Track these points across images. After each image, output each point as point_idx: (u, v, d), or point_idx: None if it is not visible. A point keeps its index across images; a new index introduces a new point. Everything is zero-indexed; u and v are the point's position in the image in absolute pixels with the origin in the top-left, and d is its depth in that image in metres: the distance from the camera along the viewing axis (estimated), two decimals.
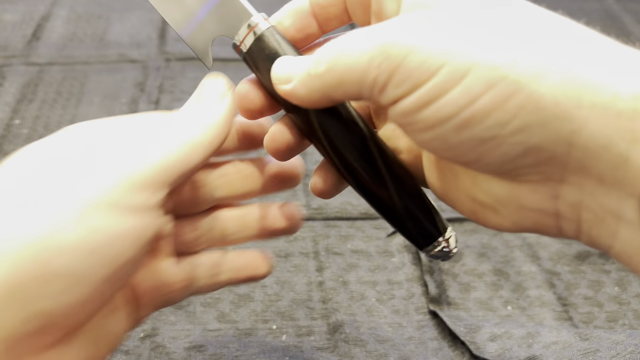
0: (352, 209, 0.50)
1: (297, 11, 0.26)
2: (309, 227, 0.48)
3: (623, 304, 0.44)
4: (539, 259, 0.46)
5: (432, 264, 0.45)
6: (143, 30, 0.72)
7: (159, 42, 0.70)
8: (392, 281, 0.45)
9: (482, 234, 0.49)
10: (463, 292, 0.44)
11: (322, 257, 0.46)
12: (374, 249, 0.47)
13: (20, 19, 0.73)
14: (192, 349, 0.39)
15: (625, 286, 0.45)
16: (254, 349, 0.39)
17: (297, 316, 0.42)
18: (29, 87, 0.62)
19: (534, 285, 0.44)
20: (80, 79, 0.64)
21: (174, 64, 0.66)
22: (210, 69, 0.28)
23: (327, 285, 0.44)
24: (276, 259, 0.46)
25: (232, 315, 0.41)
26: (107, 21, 0.74)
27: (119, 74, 0.65)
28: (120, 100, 0.61)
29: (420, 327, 0.41)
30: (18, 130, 0.56)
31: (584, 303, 0.44)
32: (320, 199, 0.51)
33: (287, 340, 0.40)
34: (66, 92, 0.62)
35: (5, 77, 0.63)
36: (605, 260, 0.47)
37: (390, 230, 0.48)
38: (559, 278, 0.45)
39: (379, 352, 0.39)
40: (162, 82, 0.63)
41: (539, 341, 0.38)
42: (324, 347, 0.39)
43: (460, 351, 0.39)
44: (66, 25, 0.72)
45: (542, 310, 0.43)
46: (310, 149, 0.58)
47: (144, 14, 0.75)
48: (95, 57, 0.67)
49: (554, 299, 0.43)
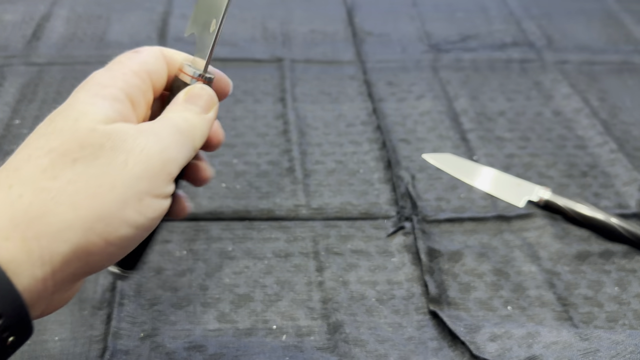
0: (352, 209, 0.50)
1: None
2: (309, 227, 0.48)
3: (623, 304, 0.44)
4: (539, 259, 0.46)
5: (432, 264, 0.45)
6: (143, 30, 0.72)
7: (159, 42, 0.70)
8: (392, 281, 0.45)
9: (482, 234, 0.49)
10: (463, 292, 0.44)
11: (322, 257, 0.46)
12: (374, 249, 0.47)
13: (21, 19, 0.73)
14: (192, 349, 0.39)
15: (625, 286, 0.45)
16: (254, 349, 0.39)
17: (297, 316, 0.42)
18: (29, 87, 0.62)
19: (534, 285, 0.44)
20: (80, 79, 0.63)
21: None
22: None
23: (327, 285, 0.44)
24: (276, 259, 0.46)
25: (232, 315, 0.41)
26: (107, 21, 0.74)
27: None
28: None
29: (420, 327, 0.41)
30: (18, 130, 0.56)
31: (584, 303, 0.44)
32: (320, 198, 0.51)
33: (287, 340, 0.40)
34: (66, 92, 0.62)
35: (5, 77, 0.63)
36: (605, 260, 0.47)
37: (390, 230, 0.48)
38: (559, 278, 0.45)
39: (379, 352, 0.39)
40: None
41: (539, 341, 0.38)
42: (324, 347, 0.39)
43: (460, 351, 0.39)
44: (66, 25, 0.72)
45: (542, 310, 0.43)
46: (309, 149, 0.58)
47: (144, 14, 0.75)
48: (95, 57, 0.67)
49: (554, 299, 0.43)
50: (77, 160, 0.25)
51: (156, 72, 0.30)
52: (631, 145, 0.58)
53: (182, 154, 0.28)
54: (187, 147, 0.28)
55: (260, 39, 0.72)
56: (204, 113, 0.30)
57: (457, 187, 0.53)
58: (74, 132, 0.25)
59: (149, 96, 0.30)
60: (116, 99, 0.27)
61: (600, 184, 0.54)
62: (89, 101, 0.27)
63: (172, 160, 0.27)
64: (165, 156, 0.27)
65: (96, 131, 0.25)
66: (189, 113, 0.29)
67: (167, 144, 0.27)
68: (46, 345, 0.39)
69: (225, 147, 0.55)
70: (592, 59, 0.72)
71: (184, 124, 0.29)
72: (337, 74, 0.67)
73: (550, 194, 0.50)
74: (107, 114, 0.26)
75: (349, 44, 0.72)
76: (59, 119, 0.26)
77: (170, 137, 0.27)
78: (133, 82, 0.28)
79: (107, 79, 0.28)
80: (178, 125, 0.28)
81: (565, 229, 0.49)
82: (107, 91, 0.27)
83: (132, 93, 0.28)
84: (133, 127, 0.27)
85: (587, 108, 0.63)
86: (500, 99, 0.64)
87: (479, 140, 0.58)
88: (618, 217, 0.48)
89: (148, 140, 0.26)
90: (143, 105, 0.29)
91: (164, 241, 0.46)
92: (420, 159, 0.56)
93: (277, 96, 0.63)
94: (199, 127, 0.29)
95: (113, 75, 0.28)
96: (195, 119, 0.29)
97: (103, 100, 0.27)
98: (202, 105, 0.30)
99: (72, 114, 0.26)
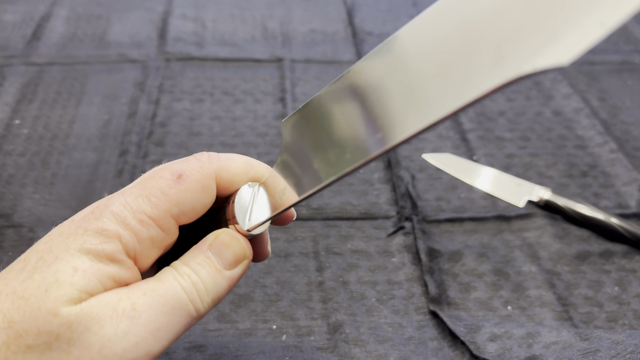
0: (352, 209, 0.50)
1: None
2: (309, 227, 0.48)
3: (623, 304, 0.44)
4: (539, 259, 0.46)
5: (432, 264, 0.45)
6: (143, 30, 0.72)
7: (158, 42, 0.70)
8: (392, 281, 0.45)
9: (482, 234, 0.49)
10: (463, 292, 0.44)
11: (322, 257, 0.46)
12: (374, 249, 0.47)
13: (21, 19, 0.73)
14: (192, 349, 0.39)
15: (625, 286, 0.45)
16: (254, 349, 0.39)
17: (297, 316, 0.42)
18: (29, 87, 0.62)
19: (534, 286, 0.44)
20: (80, 79, 0.64)
21: (174, 64, 0.66)
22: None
23: (327, 285, 0.44)
24: (276, 259, 0.46)
25: (232, 315, 0.41)
26: (107, 21, 0.74)
27: (119, 74, 0.65)
28: (120, 100, 0.61)
29: (420, 327, 0.41)
30: (18, 130, 0.56)
31: (584, 303, 0.44)
32: (320, 198, 0.51)
33: (287, 340, 0.40)
34: (66, 92, 0.62)
35: (5, 77, 0.63)
36: (605, 260, 0.47)
37: (390, 230, 0.48)
38: (559, 278, 0.45)
39: (379, 352, 0.39)
40: (162, 82, 0.64)
41: (539, 341, 0.38)
42: (324, 347, 0.39)
43: (460, 351, 0.39)
44: (66, 25, 0.72)
45: (542, 310, 0.43)
46: None
47: (144, 13, 0.75)
48: (95, 57, 0.67)
49: (554, 299, 0.43)
50: (31, 348, 0.21)
51: (193, 208, 0.25)
52: (631, 145, 0.58)
53: (163, 341, 0.23)
54: (177, 327, 0.23)
55: (260, 38, 0.72)
56: (227, 269, 0.25)
57: (457, 187, 0.53)
58: (36, 310, 0.21)
59: (168, 242, 0.25)
60: (111, 258, 0.23)
61: (600, 184, 0.54)
62: (71, 264, 0.22)
63: (143, 355, 0.22)
64: (134, 352, 0.22)
65: (58, 317, 0.21)
66: (205, 269, 0.25)
67: (143, 335, 0.22)
68: None
69: (225, 147, 0.55)
70: (592, 59, 0.72)
71: (186, 295, 0.24)
72: (337, 73, 0.67)
73: (550, 194, 0.50)
74: (85, 287, 0.22)
75: (349, 44, 0.72)
76: (36, 277, 0.22)
77: (154, 322, 0.23)
78: (148, 233, 0.24)
79: (114, 223, 0.23)
80: (175, 299, 0.23)
81: (565, 229, 0.49)
82: (104, 246, 0.23)
83: (141, 248, 0.24)
84: (109, 306, 0.22)
85: (587, 108, 0.63)
86: (500, 99, 0.64)
87: (479, 140, 0.58)
88: (618, 217, 0.48)
89: (118, 330, 0.22)
90: (153, 254, 0.24)
91: None
92: (420, 159, 0.56)
93: (277, 96, 0.63)
94: (212, 290, 0.25)
95: (125, 219, 0.23)
96: (211, 280, 0.25)
97: (91, 263, 0.22)
98: (227, 258, 0.25)
99: (48, 277, 0.22)
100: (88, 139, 0.56)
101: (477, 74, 0.17)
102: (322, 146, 0.20)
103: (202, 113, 0.59)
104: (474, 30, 0.17)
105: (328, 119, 0.20)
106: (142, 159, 0.54)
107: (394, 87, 0.18)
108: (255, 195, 0.25)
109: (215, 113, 0.59)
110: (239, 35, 0.73)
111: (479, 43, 0.17)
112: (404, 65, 0.18)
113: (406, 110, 0.18)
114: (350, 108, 0.19)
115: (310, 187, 0.21)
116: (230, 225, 0.25)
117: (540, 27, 0.16)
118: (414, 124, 0.18)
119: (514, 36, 0.16)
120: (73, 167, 0.53)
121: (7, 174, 0.51)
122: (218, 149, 0.55)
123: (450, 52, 0.18)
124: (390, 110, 0.18)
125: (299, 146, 0.21)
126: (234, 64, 0.68)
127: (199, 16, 0.76)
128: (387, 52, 0.19)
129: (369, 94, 0.19)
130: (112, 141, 0.56)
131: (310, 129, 0.21)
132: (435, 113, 0.17)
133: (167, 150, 0.55)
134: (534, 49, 0.16)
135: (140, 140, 0.56)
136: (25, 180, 0.51)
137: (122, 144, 0.55)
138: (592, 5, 0.15)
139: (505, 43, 0.17)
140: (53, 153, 0.54)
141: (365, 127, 0.18)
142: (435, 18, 0.18)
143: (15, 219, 0.47)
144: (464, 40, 0.17)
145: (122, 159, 0.54)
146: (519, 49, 0.16)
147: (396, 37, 0.19)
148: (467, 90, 0.17)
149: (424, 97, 0.17)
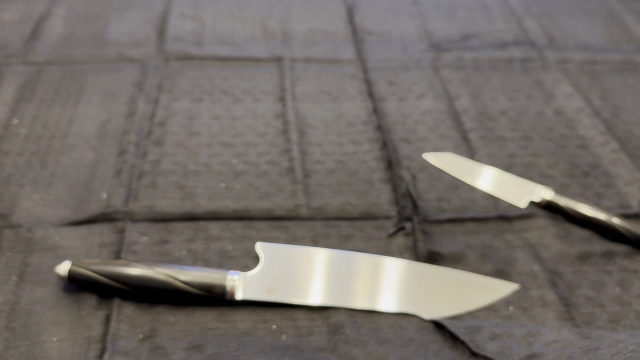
0: (352, 209, 0.50)
1: None
2: (309, 227, 0.48)
3: (625, 304, 0.43)
4: (540, 260, 0.46)
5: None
6: (142, 29, 0.72)
7: (157, 41, 0.69)
8: None
9: (484, 234, 0.48)
10: None
11: None
12: (374, 249, 0.47)
13: (19, 18, 0.72)
14: (192, 348, 0.38)
15: (627, 287, 0.45)
16: (253, 348, 0.39)
17: (297, 316, 0.41)
18: (28, 86, 0.62)
19: (535, 286, 0.44)
20: (78, 78, 0.64)
21: (173, 63, 0.66)
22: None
23: None
24: None
25: (232, 315, 0.41)
26: (105, 20, 0.73)
27: (118, 73, 0.64)
28: (119, 100, 0.61)
29: (421, 329, 0.41)
30: (16, 130, 0.56)
31: (585, 303, 0.43)
32: (320, 198, 0.51)
33: (287, 340, 0.40)
34: (65, 91, 0.62)
35: (3, 77, 0.63)
36: (606, 261, 0.46)
37: (390, 231, 0.48)
38: (560, 278, 0.45)
39: (379, 354, 0.39)
40: (161, 81, 0.63)
41: (540, 340, 0.38)
42: (324, 347, 0.39)
43: (460, 351, 0.39)
44: (65, 24, 0.72)
45: (544, 310, 0.42)
46: (309, 149, 0.57)
47: (142, 13, 0.75)
48: (94, 56, 0.67)
49: (556, 299, 0.43)
50: None
51: None
52: (633, 145, 0.58)
53: None
54: None
55: (260, 37, 0.72)
56: None
57: (458, 187, 0.53)
58: None
59: None
60: None
61: (602, 184, 0.54)
62: None
63: None
64: None
65: None
66: None
67: None
68: (44, 345, 0.38)
69: (225, 147, 0.55)
70: (593, 58, 0.71)
71: None
72: (337, 73, 0.67)
73: (552, 194, 0.50)
74: None
75: (349, 42, 0.72)
76: None
77: None
78: None
79: None
80: None
81: (567, 229, 0.49)
82: None
83: None
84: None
85: (589, 107, 0.63)
86: (502, 99, 0.64)
87: (480, 139, 0.58)
88: (620, 217, 0.48)
89: None
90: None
91: (163, 241, 0.46)
92: (421, 159, 0.55)
93: (277, 95, 0.63)
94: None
95: None
96: None
97: None
98: None
99: None
100: (86, 138, 0.56)
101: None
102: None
103: (201, 112, 0.59)
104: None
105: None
106: (141, 159, 0.53)
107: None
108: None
109: (215, 112, 0.59)
110: (238, 34, 0.72)
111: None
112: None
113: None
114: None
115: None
116: None
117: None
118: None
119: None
120: (71, 167, 0.53)
121: (5, 174, 0.51)
122: (217, 149, 0.55)
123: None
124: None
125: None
126: (233, 63, 0.67)
127: (198, 15, 0.75)
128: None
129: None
130: (110, 141, 0.56)
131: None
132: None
133: (166, 150, 0.55)
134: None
135: (139, 140, 0.55)
136: (24, 180, 0.51)
137: (121, 144, 0.55)
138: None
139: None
140: (51, 153, 0.54)
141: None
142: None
143: (13, 219, 0.47)
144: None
145: (120, 158, 0.53)
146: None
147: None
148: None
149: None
